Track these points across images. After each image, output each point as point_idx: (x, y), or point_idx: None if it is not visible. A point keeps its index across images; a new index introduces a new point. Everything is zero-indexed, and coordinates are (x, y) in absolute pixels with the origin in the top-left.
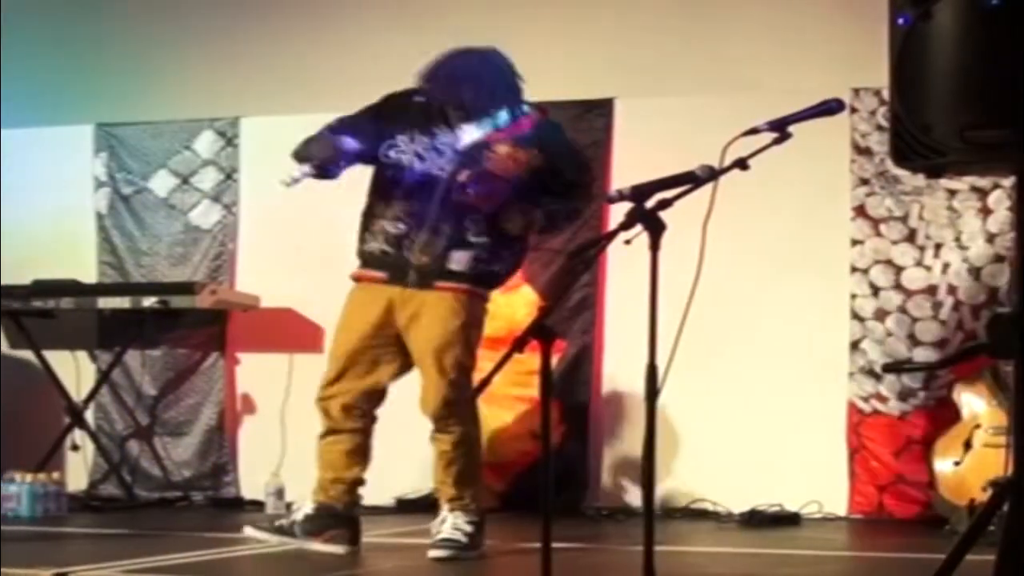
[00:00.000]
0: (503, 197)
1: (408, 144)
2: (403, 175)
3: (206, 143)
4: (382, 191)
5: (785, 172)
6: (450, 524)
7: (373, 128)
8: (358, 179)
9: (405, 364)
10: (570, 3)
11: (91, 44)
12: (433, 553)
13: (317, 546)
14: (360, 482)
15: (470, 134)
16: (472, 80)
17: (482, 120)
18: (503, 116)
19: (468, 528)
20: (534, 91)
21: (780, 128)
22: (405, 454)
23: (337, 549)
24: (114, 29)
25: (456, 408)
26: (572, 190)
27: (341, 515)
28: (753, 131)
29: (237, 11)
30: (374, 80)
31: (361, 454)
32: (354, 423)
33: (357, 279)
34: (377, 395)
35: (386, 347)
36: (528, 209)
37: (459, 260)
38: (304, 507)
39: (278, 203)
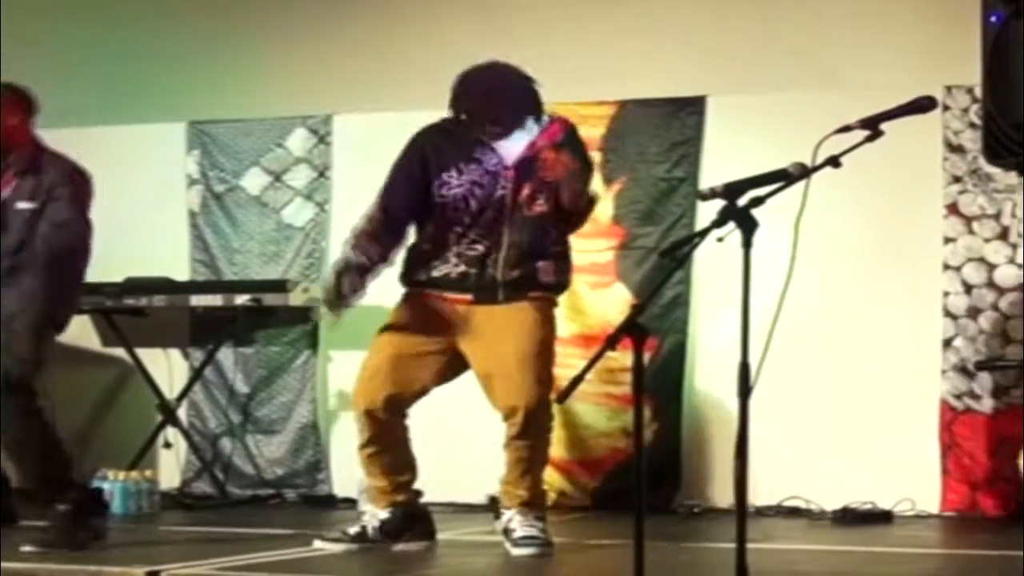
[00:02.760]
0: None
1: (459, 177)
2: (467, 204)
3: (299, 141)
4: (447, 223)
5: (877, 170)
6: (520, 521)
7: (410, 185)
8: None
9: (450, 374)
10: (662, 1)
11: (184, 42)
12: (520, 552)
13: (400, 547)
14: (416, 477)
15: (513, 149)
16: (503, 93)
17: (516, 133)
18: (532, 126)
19: (540, 524)
20: (626, 90)
21: (872, 126)
22: (497, 452)
23: (418, 546)
24: (207, 27)
25: (542, 417)
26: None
27: (415, 514)
28: (845, 129)
29: (329, 8)
30: None
31: (409, 453)
32: (399, 429)
33: (421, 297)
34: (418, 398)
35: (437, 357)
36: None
37: (546, 271)
38: (377, 513)
39: (370, 201)
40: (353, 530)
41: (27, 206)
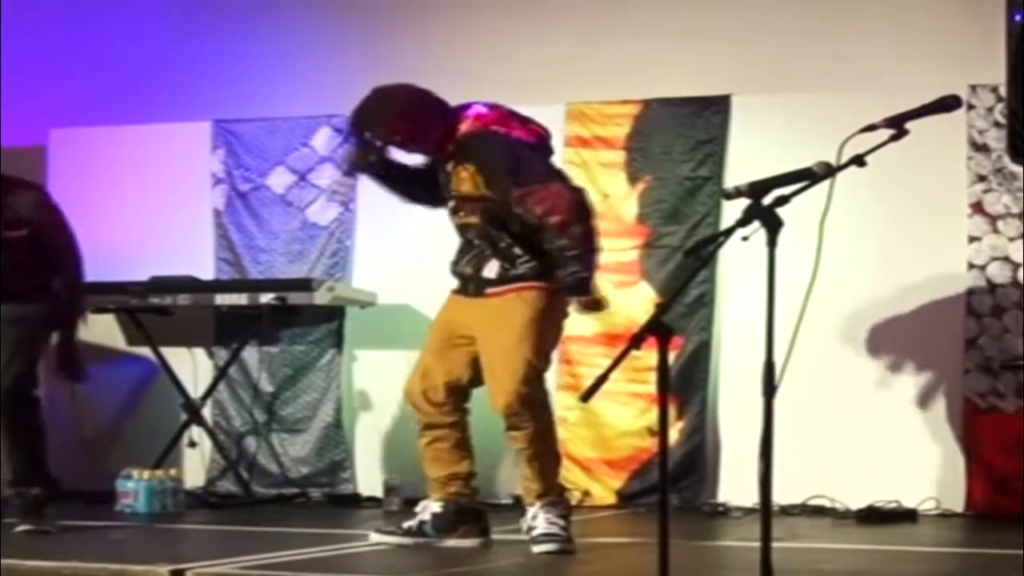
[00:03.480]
0: (488, 211)
1: (432, 190)
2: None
3: (324, 139)
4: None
5: (902, 169)
6: (543, 519)
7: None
8: None
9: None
10: (688, 1)
11: (209, 40)
12: (541, 548)
13: (452, 542)
14: (473, 474)
15: (444, 169)
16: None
17: (434, 144)
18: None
19: (562, 522)
20: (651, 89)
21: (897, 125)
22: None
23: (471, 543)
24: (232, 26)
25: (528, 405)
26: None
27: (468, 509)
28: (870, 128)
29: (354, 8)
30: (491, 78)
31: (465, 447)
32: (448, 417)
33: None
34: (459, 391)
35: (464, 349)
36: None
37: (490, 268)
38: (430, 506)
39: (395, 200)
40: (407, 524)
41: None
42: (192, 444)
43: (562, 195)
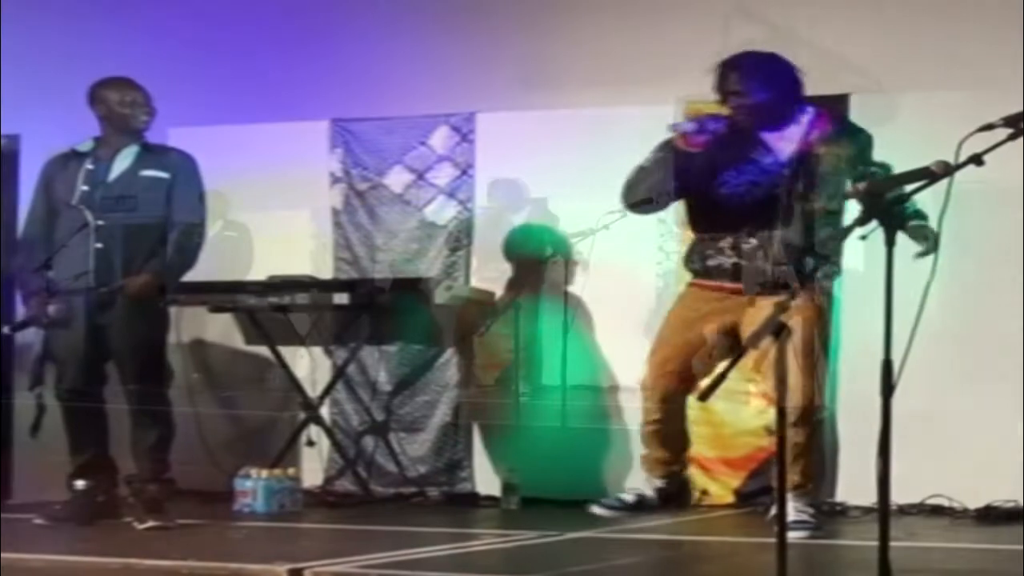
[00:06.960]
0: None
1: (737, 176)
2: (743, 200)
3: (441, 139)
4: (726, 218)
5: (1020, 168)
6: (794, 507)
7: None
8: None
9: (726, 356)
10: (804, 2)
11: (327, 40)
12: (793, 535)
13: (670, 513)
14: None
15: (786, 145)
16: (775, 82)
17: (786, 127)
18: (802, 118)
19: (813, 510)
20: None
21: (1015, 124)
22: None
23: (681, 512)
24: (350, 25)
25: (812, 408)
26: None
27: (683, 484)
28: (988, 127)
29: (470, 7)
30: (609, 78)
31: (687, 430)
32: (681, 409)
33: (701, 287)
34: (694, 383)
35: (719, 345)
36: None
37: (811, 264)
38: (654, 481)
39: (513, 199)
40: (628, 498)
41: (154, 174)
42: (310, 443)
43: None
